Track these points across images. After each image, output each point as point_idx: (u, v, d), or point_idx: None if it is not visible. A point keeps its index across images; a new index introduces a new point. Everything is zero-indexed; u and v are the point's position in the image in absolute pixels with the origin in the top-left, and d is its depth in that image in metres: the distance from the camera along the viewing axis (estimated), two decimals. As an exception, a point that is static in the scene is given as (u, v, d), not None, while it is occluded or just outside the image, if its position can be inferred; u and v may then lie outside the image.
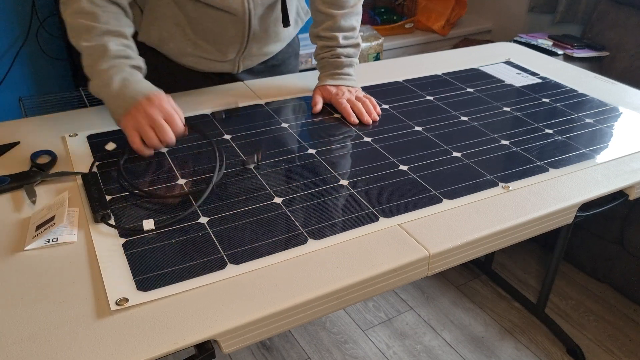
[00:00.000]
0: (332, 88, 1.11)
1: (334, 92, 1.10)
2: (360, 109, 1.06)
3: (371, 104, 1.08)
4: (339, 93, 1.10)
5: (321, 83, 1.13)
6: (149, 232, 0.73)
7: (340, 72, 1.13)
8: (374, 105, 1.09)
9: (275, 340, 1.59)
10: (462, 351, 1.57)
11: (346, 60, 1.13)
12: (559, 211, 0.83)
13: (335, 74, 1.13)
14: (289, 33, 1.20)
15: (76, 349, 0.56)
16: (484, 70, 1.34)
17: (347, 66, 1.13)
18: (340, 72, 1.13)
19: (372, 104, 1.09)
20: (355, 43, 1.14)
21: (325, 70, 1.14)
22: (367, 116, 1.05)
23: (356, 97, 1.09)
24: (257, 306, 0.63)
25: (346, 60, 1.13)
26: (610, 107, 1.16)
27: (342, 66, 1.13)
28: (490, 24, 2.74)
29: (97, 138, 0.96)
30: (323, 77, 1.14)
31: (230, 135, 0.98)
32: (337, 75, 1.13)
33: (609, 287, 1.81)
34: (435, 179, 0.88)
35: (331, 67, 1.13)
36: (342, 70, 1.13)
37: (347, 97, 1.09)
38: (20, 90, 1.83)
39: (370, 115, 1.06)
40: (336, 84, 1.12)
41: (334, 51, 1.12)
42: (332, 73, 1.13)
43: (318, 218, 0.77)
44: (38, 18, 1.76)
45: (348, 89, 1.11)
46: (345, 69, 1.13)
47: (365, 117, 1.05)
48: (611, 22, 2.12)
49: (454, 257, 0.75)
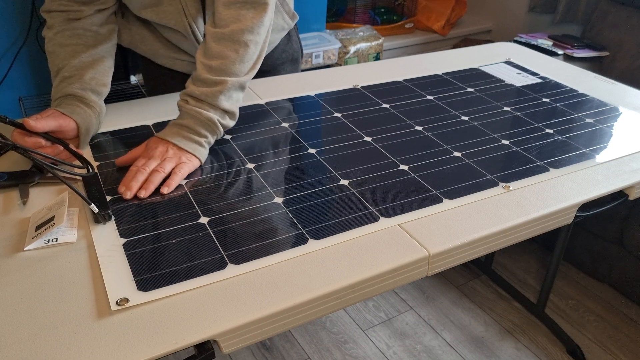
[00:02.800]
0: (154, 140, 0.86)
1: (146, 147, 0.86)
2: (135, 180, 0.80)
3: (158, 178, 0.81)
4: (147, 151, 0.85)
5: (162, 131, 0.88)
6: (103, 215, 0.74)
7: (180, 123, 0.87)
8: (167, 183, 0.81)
9: (275, 340, 1.59)
10: (462, 351, 1.57)
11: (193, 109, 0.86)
12: (559, 211, 0.83)
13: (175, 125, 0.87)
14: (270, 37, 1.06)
15: (76, 349, 0.56)
16: (484, 70, 1.34)
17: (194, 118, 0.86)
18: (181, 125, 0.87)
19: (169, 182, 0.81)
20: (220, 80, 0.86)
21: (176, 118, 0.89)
22: (128, 192, 0.79)
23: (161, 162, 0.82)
24: (257, 306, 0.63)
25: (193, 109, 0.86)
26: (610, 107, 1.16)
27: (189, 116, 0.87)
28: (490, 24, 2.74)
29: (98, 138, 0.96)
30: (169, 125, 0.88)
31: (230, 135, 0.98)
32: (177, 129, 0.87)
33: (609, 287, 1.81)
34: (435, 179, 0.88)
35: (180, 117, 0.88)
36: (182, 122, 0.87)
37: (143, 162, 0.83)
38: (20, 90, 1.83)
39: (139, 192, 0.79)
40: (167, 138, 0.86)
41: (188, 88, 0.89)
42: (172, 123, 0.88)
43: (318, 218, 0.77)
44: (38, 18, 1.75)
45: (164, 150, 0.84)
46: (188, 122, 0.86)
47: (127, 193, 0.79)
48: (611, 22, 2.11)
49: (454, 257, 0.75)
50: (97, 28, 0.99)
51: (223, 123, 0.90)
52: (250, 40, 0.89)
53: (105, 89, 0.97)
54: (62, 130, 0.87)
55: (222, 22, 0.89)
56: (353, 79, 1.25)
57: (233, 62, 0.88)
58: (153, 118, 1.03)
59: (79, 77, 0.93)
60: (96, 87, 0.95)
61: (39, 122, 0.83)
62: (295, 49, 1.25)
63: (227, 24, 0.88)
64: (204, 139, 0.88)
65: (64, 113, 0.88)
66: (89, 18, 0.98)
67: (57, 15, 0.97)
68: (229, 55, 0.88)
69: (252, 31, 0.89)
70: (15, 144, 0.75)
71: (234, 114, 0.92)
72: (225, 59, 0.88)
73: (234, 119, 0.93)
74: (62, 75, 0.93)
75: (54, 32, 0.96)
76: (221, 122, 0.89)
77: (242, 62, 0.89)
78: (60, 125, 0.86)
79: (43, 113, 0.87)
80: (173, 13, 0.99)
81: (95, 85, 0.94)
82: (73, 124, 0.88)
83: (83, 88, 0.93)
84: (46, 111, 0.88)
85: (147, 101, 1.10)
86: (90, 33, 0.97)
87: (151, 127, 1.00)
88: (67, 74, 0.93)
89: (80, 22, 0.97)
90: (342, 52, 2.21)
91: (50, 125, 0.85)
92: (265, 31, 0.93)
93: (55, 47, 0.95)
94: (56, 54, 0.95)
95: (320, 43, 2.14)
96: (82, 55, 0.95)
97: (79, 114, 0.90)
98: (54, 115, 0.87)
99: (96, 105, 0.94)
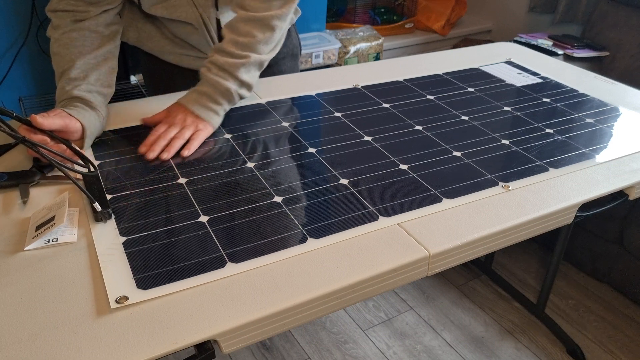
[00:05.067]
0: (178, 108, 0.95)
1: (168, 113, 0.96)
2: (157, 144, 0.90)
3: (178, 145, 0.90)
4: (169, 117, 0.95)
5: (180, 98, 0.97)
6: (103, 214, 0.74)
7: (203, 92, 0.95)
8: (187, 147, 0.91)
9: (275, 340, 1.59)
10: (462, 351, 1.57)
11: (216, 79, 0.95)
12: (559, 211, 0.83)
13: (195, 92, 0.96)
14: None
15: (76, 348, 0.56)
16: (485, 70, 1.34)
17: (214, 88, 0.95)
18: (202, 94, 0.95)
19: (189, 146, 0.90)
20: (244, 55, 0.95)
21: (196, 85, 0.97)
22: (152, 153, 0.89)
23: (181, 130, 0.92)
24: (257, 306, 0.63)
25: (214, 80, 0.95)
26: (610, 107, 1.16)
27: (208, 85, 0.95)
28: (490, 24, 2.74)
29: (98, 137, 0.96)
30: (189, 92, 0.97)
31: (230, 135, 0.98)
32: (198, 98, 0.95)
33: (609, 287, 1.81)
34: (435, 178, 0.88)
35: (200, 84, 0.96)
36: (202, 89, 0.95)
37: (165, 128, 0.92)
38: (20, 90, 1.83)
39: (162, 154, 0.89)
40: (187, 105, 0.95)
41: (211, 57, 0.96)
42: (194, 90, 0.96)
43: (318, 217, 0.77)
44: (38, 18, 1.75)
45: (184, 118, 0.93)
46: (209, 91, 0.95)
47: (150, 153, 0.89)
48: (611, 22, 2.11)
49: (454, 257, 0.75)
50: (102, 29, 0.99)
51: (240, 93, 0.99)
52: (276, 26, 0.98)
53: (111, 90, 0.98)
54: (67, 130, 0.87)
55: (253, 9, 0.97)
56: (353, 79, 1.25)
57: (259, 41, 0.97)
58: (153, 118, 1.03)
59: (84, 79, 0.94)
60: (101, 89, 0.96)
61: (46, 120, 0.83)
62: (295, 44, 1.27)
63: (258, 10, 0.97)
64: (221, 107, 0.96)
65: (70, 114, 0.89)
66: (95, 19, 0.98)
67: (63, 15, 0.97)
68: (256, 35, 0.96)
69: (280, 18, 0.98)
70: (25, 137, 0.76)
71: (250, 86, 1.00)
72: (253, 37, 0.96)
73: (250, 90, 1.00)
74: (67, 77, 0.93)
75: (60, 32, 0.96)
76: (238, 92, 0.98)
77: (267, 43, 0.98)
78: (66, 125, 0.87)
79: (50, 112, 0.87)
80: (183, 6, 1.01)
81: (101, 86, 0.96)
82: (78, 125, 0.89)
83: (89, 90, 0.93)
84: (53, 110, 0.88)
85: (147, 101, 1.10)
86: (96, 34, 0.98)
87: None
88: (72, 76, 0.93)
89: (86, 23, 0.97)
90: (342, 52, 2.21)
91: (57, 124, 0.85)
92: (289, 21, 1.04)
93: (61, 49, 0.96)
94: (61, 55, 0.95)
95: (320, 43, 2.14)
96: (88, 57, 0.96)
97: (84, 116, 0.90)
98: (60, 114, 0.87)
99: (101, 110, 0.95)
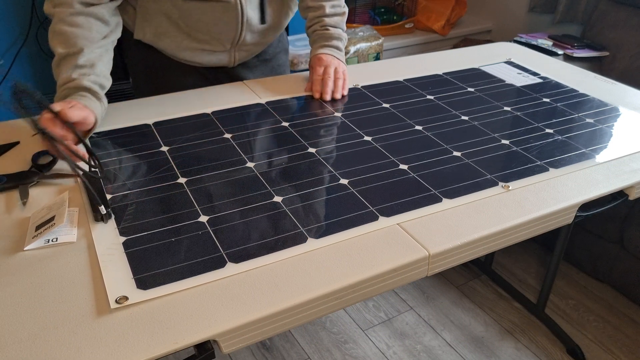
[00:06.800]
0: (325, 57, 1.18)
1: (326, 62, 1.17)
2: (326, 87, 1.14)
3: (342, 85, 1.17)
4: (327, 67, 1.17)
5: (314, 53, 1.20)
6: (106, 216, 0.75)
7: (329, 44, 1.20)
8: (343, 86, 1.17)
9: (275, 340, 1.59)
10: (462, 351, 1.57)
11: (334, 31, 1.21)
12: (559, 211, 0.83)
13: (325, 46, 1.20)
14: (281, 22, 1.21)
15: (76, 348, 0.56)
16: (485, 70, 1.34)
17: (336, 38, 1.21)
18: (329, 45, 1.20)
19: (343, 85, 1.17)
20: (341, 12, 1.22)
21: (316, 43, 1.21)
22: (328, 94, 1.14)
23: (335, 73, 1.17)
24: (257, 306, 0.63)
25: (334, 32, 1.21)
26: (610, 107, 1.16)
27: (331, 38, 1.20)
28: (490, 24, 2.74)
29: (98, 137, 0.96)
30: (315, 48, 1.21)
31: (230, 135, 0.98)
32: (327, 47, 1.20)
33: (609, 287, 1.81)
34: (435, 178, 0.88)
35: (322, 40, 1.20)
36: (331, 43, 1.20)
37: (327, 73, 1.16)
38: (20, 90, 1.83)
39: (334, 94, 1.15)
40: (328, 52, 1.20)
41: (322, 22, 1.20)
42: (322, 45, 1.21)
43: (318, 217, 0.77)
44: (38, 18, 1.75)
45: (335, 65, 1.18)
46: (334, 42, 1.20)
47: (326, 95, 1.14)
48: (611, 22, 2.11)
49: (454, 257, 0.75)
50: (108, 18, 0.98)
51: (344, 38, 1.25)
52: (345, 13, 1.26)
53: (109, 83, 0.98)
54: (85, 122, 0.87)
55: None
56: (353, 79, 1.25)
57: (343, 19, 1.24)
58: (153, 117, 1.03)
59: (92, 69, 0.93)
60: (105, 81, 0.96)
61: (71, 112, 0.83)
62: (285, 40, 1.36)
63: None
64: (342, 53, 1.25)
65: (86, 105, 0.88)
66: (104, 6, 0.97)
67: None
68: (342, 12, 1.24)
69: None
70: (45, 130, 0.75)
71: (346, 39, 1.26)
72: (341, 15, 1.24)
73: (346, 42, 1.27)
74: (74, 63, 0.92)
75: (68, 12, 0.93)
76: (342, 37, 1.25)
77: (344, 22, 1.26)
78: (85, 117, 0.87)
79: (67, 103, 0.86)
80: None
81: (104, 78, 0.96)
82: (93, 118, 0.89)
83: (96, 82, 0.93)
84: (69, 101, 0.87)
85: (147, 101, 1.10)
86: (102, 22, 0.97)
87: (152, 126, 1.00)
88: (80, 63, 0.92)
89: (95, 8, 0.96)
90: (342, 52, 2.21)
91: (78, 116, 0.85)
92: None
93: (67, 28, 0.93)
94: (67, 36, 0.93)
95: (320, 43, 2.13)
96: (94, 46, 0.94)
97: (95, 108, 0.90)
98: (78, 106, 0.86)
99: (105, 102, 0.95)
